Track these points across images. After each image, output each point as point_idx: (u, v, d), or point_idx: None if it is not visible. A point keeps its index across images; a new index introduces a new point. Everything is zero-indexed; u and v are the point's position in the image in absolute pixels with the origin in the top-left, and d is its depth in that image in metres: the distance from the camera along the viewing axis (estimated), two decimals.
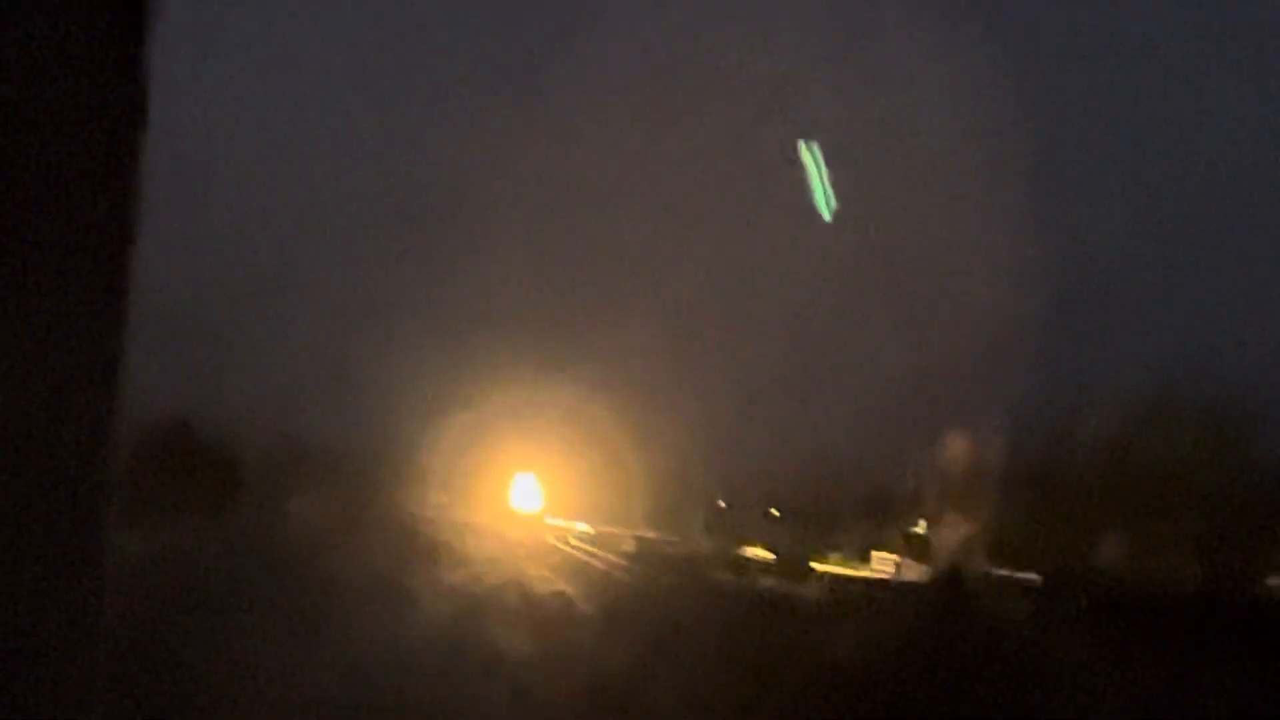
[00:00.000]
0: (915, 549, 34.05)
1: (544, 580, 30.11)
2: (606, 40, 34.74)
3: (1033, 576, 31.36)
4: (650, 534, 37.32)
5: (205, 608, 21.30)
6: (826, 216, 30.86)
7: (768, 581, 33.42)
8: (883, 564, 34.51)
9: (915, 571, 33.44)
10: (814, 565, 34.60)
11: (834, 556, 35.32)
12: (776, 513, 37.10)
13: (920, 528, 34.52)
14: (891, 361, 34.33)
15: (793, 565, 34.15)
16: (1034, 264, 32.03)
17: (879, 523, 35.76)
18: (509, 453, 36.76)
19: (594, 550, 36.95)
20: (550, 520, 38.45)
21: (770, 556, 35.33)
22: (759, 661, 21.83)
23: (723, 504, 37.09)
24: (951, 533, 32.93)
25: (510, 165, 35.52)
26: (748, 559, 35.45)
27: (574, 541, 38.58)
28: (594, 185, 35.96)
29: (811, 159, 30.67)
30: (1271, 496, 28.80)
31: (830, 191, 30.77)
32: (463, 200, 36.39)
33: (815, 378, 34.63)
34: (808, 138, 30.99)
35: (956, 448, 33.30)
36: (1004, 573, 31.76)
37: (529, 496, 38.38)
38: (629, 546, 36.78)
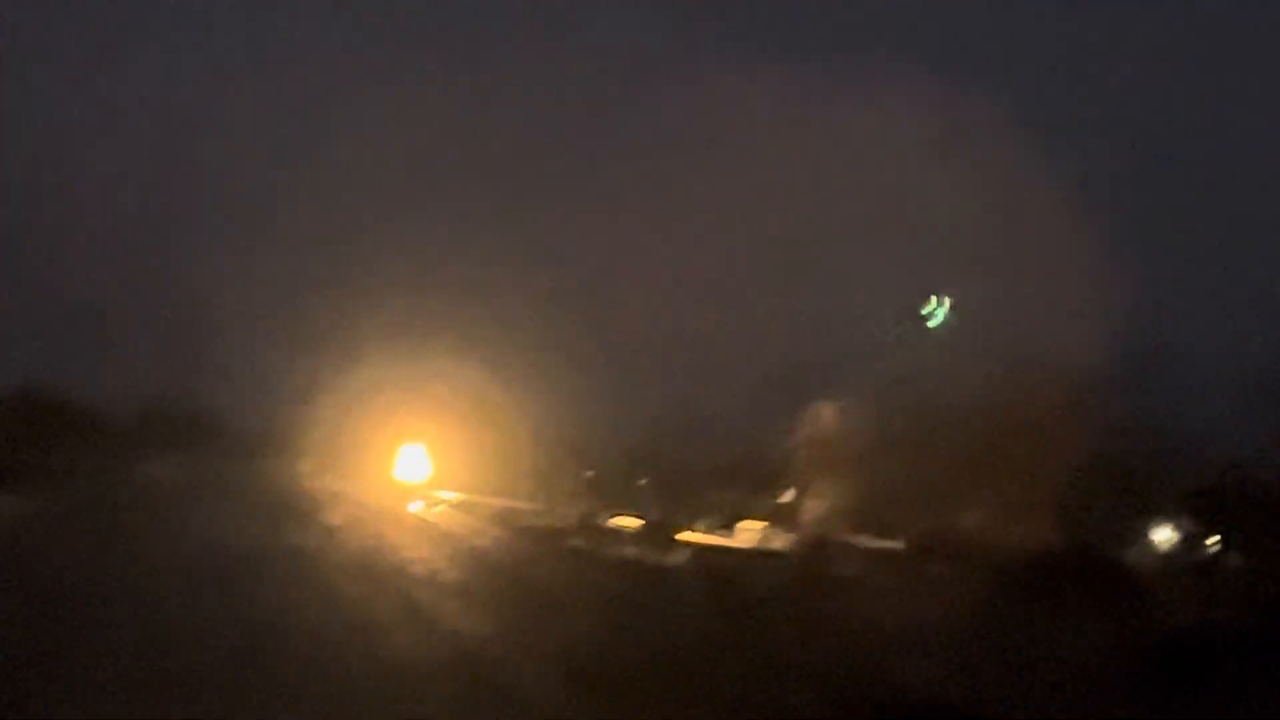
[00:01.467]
0: (781, 517, 34.16)
1: (399, 546, 29.80)
2: None
3: (895, 544, 31.56)
4: (518, 503, 37.18)
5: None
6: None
7: (631, 549, 33.34)
8: (749, 532, 34.54)
9: (780, 539, 33.53)
10: (679, 533, 34.55)
11: (700, 525, 35.30)
12: (644, 482, 37.10)
13: (786, 497, 34.63)
14: (759, 337, 34.47)
15: (657, 533, 34.10)
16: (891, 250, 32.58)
17: (746, 492, 35.81)
18: (390, 424, 36.54)
19: (460, 518, 36.74)
20: (425, 489, 38.29)
21: (636, 524, 35.31)
22: (611, 623, 21.73)
23: (590, 473, 37.03)
24: (816, 502, 33.07)
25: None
26: (614, 526, 35.42)
27: (441, 509, 38.36)
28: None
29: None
30: (1123, 460, 29.17)
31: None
32: (339, 170, 36.22)
33: (685, 352, 34.67)
34: None
35: (822, 419, 33.44)
36: (867, 540, 31.95)
37: (413, 467, 38.22)
38: (495, 514, 36.63)
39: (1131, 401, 29.13)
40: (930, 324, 32.17)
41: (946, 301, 31.87)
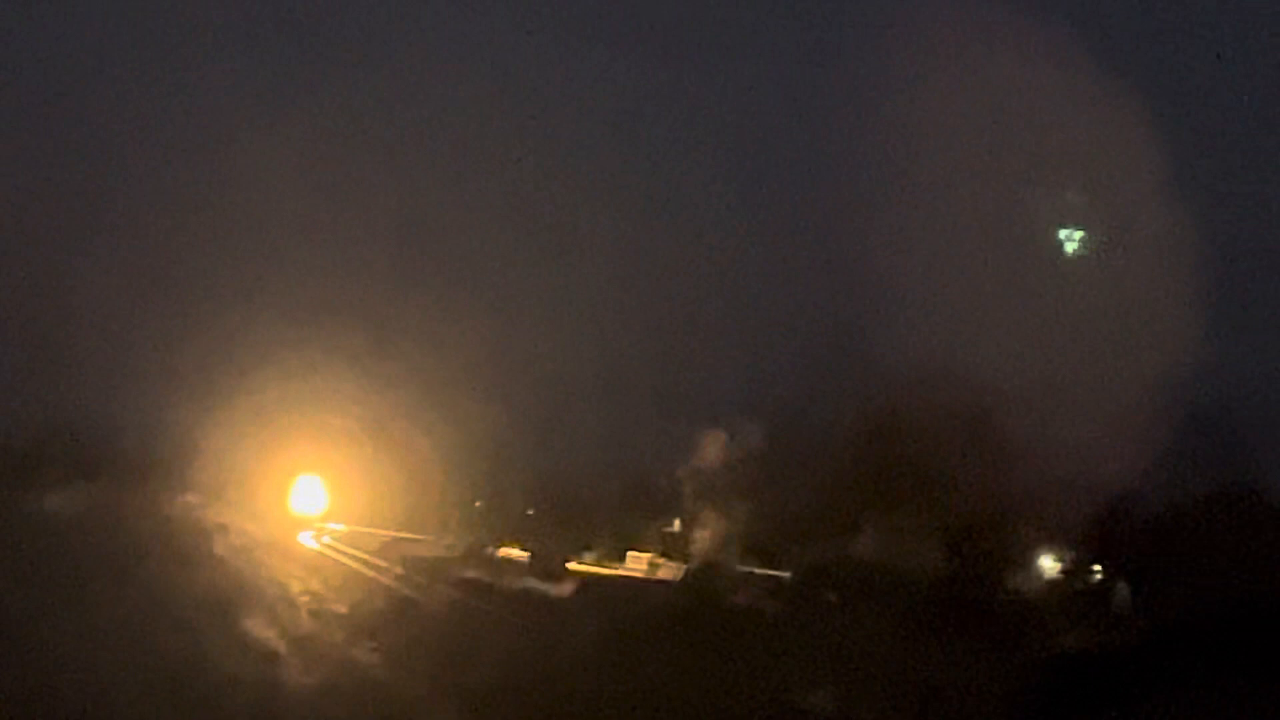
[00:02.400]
0: (670, 546, 34.16)
1: (286, 577, 29.53)
2: None
3: (783, 573, 31.66)
4: (407, 533, 36.89)
5: None
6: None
7: (519, 579, 33.21)
8: (638, 562, 34.51)
9: (669, 569, 33.54)
10: (569, 563, 34.45)
11: (589, 555, 35.22)
12: (532, 512, 36.97)
13: (675, 526, 34.63)
14: (648, 368, 34.54)
15: (546, 563, 33.97)
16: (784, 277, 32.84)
17: (635, 521, 35.77)
18: (279, 456, 36.11)
19: (348, 549, 36.43)
20: (314, 521, 37.92)
21: (523, 555, 35.15)
22: (500, 653, 21.70)
23: (479, 504, 36.79)
24: (705, 531, 33.11)
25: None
26: (502, 558, 35.25)
27: (330, 540, 38.01)
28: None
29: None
30: (1012, 488, 29.41)
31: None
32: (244, 188, 35.91)
33: (576, 385, 34.63)
34: None
35: (710, 450, 33.52)
36: (755, 569, 32.03)
37: (304, 498, 37.77)
38: (384, 545, 36.34)
39: (1021, 429, 29.40)
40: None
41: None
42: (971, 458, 29.39)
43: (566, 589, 32.32)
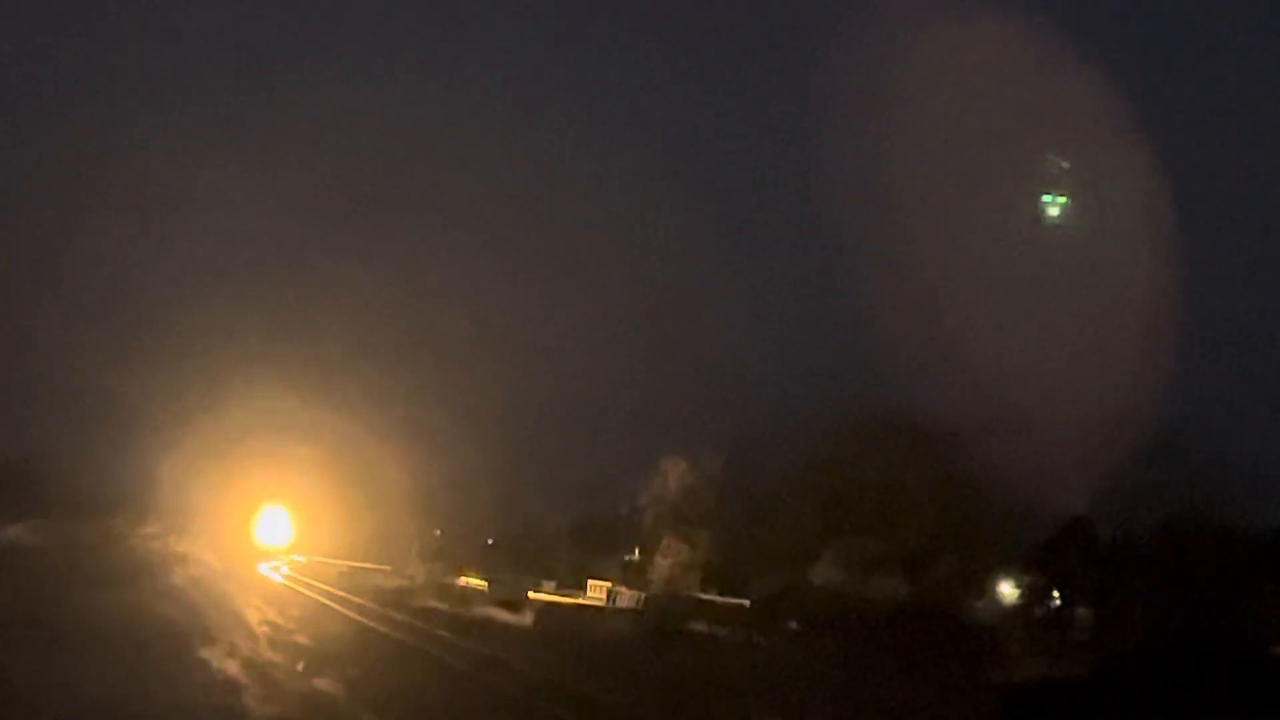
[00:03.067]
0: (629, 576, 34.27)
1: (244, 606, 29.51)
2: None
3: (743, 600, 31.73)
4: (367, 563, 36.95)
5: None
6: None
7: (480, 608, 33.23)
8: (598, 590, 34.60)
9: (629, 597, 33.61)
10: (529, 592, 34.54)
11: (549, 584, 35.32)
12: (492, 541, 37.07)
13: (635, 555, 34.76)
14: (610, 399, 34.65)
15: (506, 592, 34.05)
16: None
17: (596, 551, 35.88)
18: (240, 488, 35.99)
19: (307, 579, 36.46)
20: (274, 551, 37.90)
21: (483, 584, 35.26)
22: (459, 680, 21.71)
23: (438, 532, 36.81)
24: (665, 560, 33.17)
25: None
26: (462, 587, 35.32)
27: (289, 570, 38.05)
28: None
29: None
30: (971, 515, 29.50)
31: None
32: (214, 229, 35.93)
33: (537, 414, 34.68)
34: None
35: (671, 479, 33.61)
36: (714, 596, 32.11)
37: (264, 530, 37.68)
38: (344, 574, 36.42)
39: (977, 458, 29.48)
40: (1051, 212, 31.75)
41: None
42: (930, 485, 29.51)
43: (527, 617, 32.35)
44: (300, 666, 21.93)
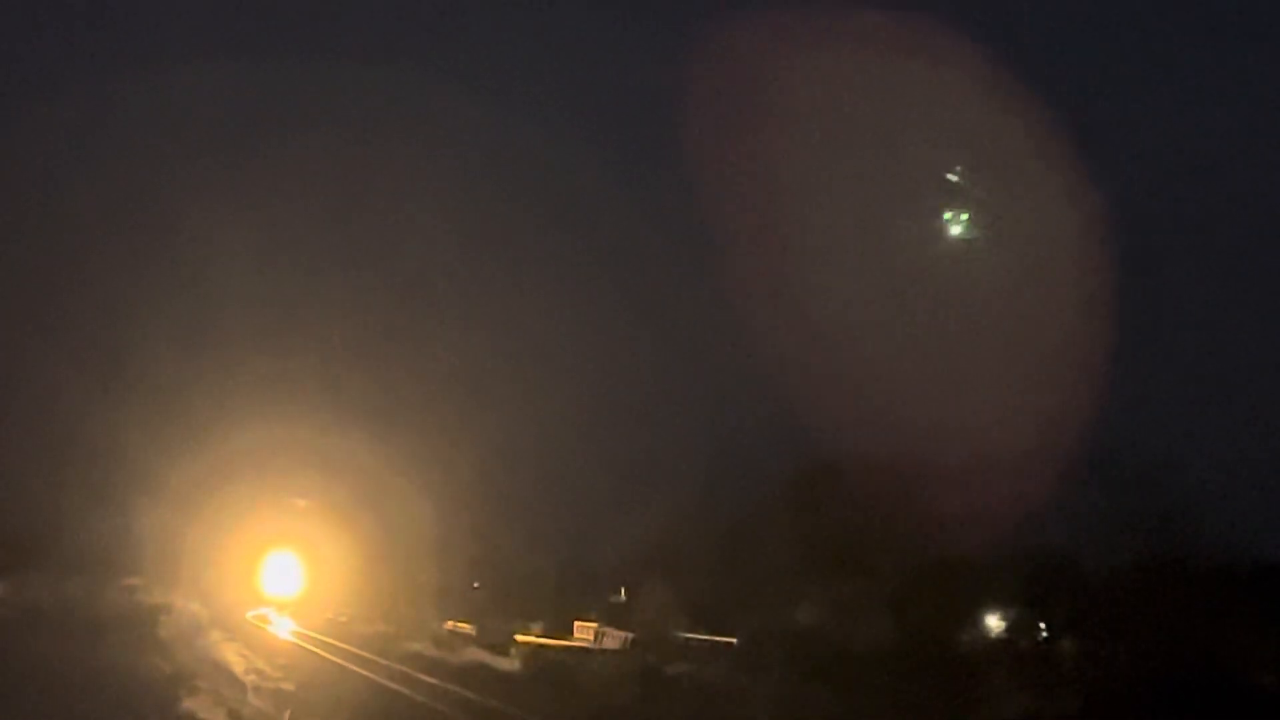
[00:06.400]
0: (615, 617, 34.34)
1: (234, 656, 29.53)
2: None
3: (729, 639, 31.74)
4: (354, 609, 37.01)
5: None
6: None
7: (467, 652, 33.22)
8: (584, 632, 34.65)
9: (614, 639, 33.65)
10: (517, 635, 34.56)
11: (536, 627, 35.34)
12: (478, 585, 37.07)
13: (620, 596, 34.83)
14: (593, 444, 34.77)
15: (493, 636, 34.06)
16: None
17: (582, 592, 35.96)
18: (224, 539, 35.92)
19: (294, 626, 36.43)
20: (260, 599, 37.83)
21: (469, 629, 35.27)
22: None
23: (423, 578, 36.78)
24: (650, 601, 33.21)
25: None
26: (449, 631, 35.33)
27: (276, 618, 38.00)
28: None
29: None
30: (954, 552, 29.59)
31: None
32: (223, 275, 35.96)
33: (521, 458, 34.75)
34: None
35: (655, 521, 33.69)
36: (700, 636, 32.13)
37: (254, 578, 37.61)
38: (331, 621, 36.42)
39: (960, 494, 29.53)
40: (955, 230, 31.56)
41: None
42: (913, 521, 29.58)
43: (514, 661, 32.36)
44: (286, 714, 22.00)
